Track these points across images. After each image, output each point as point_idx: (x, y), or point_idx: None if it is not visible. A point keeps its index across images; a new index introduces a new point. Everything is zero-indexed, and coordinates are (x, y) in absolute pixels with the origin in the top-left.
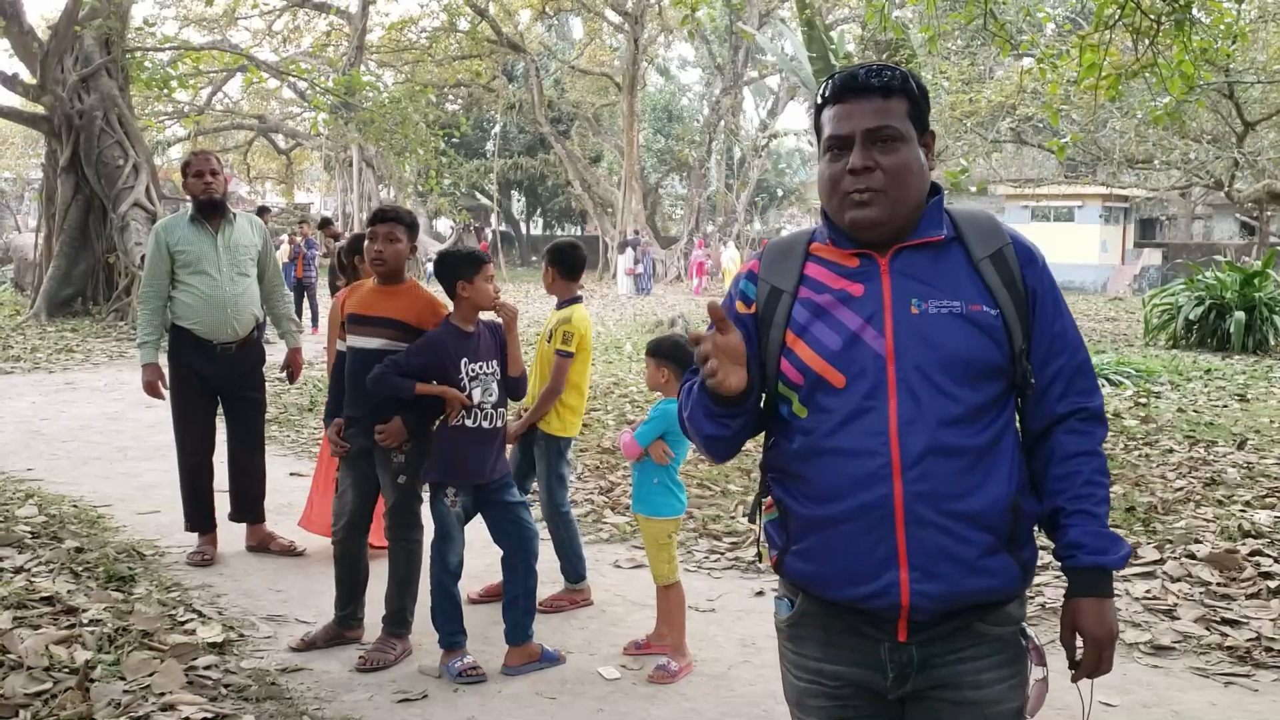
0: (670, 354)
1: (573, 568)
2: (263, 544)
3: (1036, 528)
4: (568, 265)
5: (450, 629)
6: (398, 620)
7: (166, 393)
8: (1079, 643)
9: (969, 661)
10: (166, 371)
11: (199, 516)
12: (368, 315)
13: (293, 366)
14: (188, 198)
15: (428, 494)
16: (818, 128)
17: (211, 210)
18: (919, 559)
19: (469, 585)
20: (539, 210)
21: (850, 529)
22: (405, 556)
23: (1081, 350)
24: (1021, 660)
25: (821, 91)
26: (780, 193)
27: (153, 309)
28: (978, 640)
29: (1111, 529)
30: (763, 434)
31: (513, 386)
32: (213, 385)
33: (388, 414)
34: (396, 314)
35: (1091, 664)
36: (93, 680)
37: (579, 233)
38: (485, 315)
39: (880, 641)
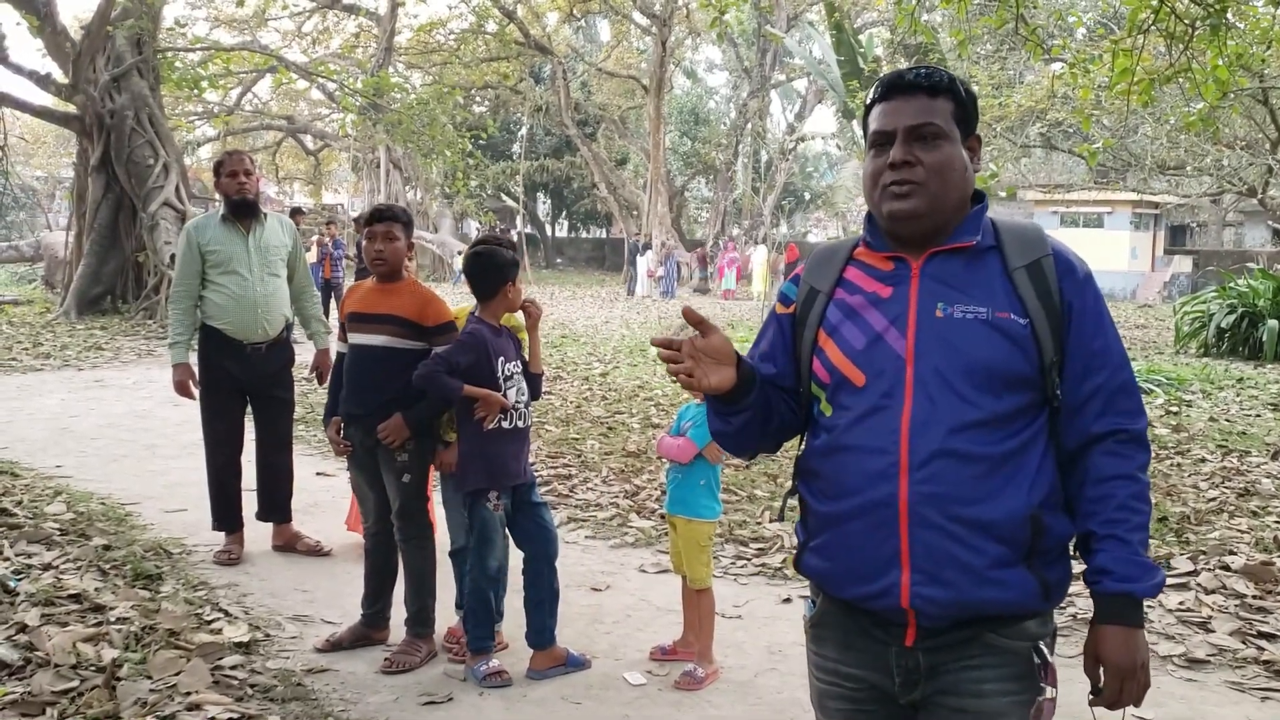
0: None
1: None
2: (289, 544)
3: (1073, 550)
4: None
5: (481, 633)
6: (420, 620)
7: (197, 391)
8: (1102, 672)
9: (974, 670)
10: (196, 371)
11: (226, 515)
12: (370, 313)
13: (321, 367)
14: (217, 197)
15: (467, 500)
16: (865, 128)
17: (244, 210)
18: (922, 562)
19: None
20: (564, 212)
21: (858, 526)
22: (418, 556)
23: (1124, 370)
24: (1031, 677)
25: (871, 93)
26: (807, 196)
27: (184, 309)
28: (986, 651)
29: (1147, 557)
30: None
31: (533, 385)
32: (242, 385)
33: (388, 414)
34: (399, 310)
35: (1113, 695)
36: (119, 679)
37: (604, 235)
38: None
39: (889, 645)
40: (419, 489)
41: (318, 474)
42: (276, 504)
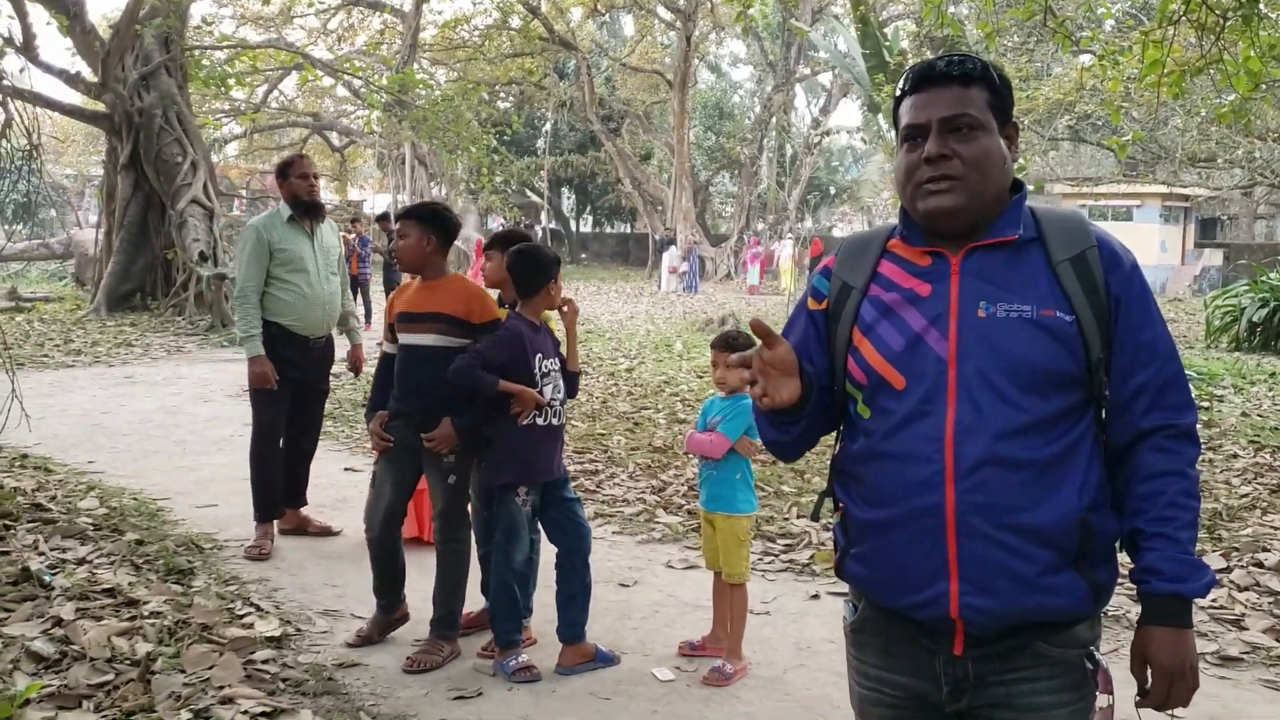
0: (735, 347)
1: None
2: (300, 527)
3: (1118, 546)
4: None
5: (508, 628)
6: (447, 623)
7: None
8: (1149, 673)
9: (1027, 682)
10: None
11: (272, 503)
12: (416, 312)
13: (356, 361)
14: (242, 193)
15: (495, 494)
16: (896, 121)
17: (313, 211)
18: (971, 572)
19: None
20: (589, 208)
21: (902, 535)
22: (455, 558)
23: (1173, 363)
24: (1086, 685)
25: (900, 84)
26: (832, 190)
27: (253, 304)
28: (1038, 661)
29: (1196, 556)
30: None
31: (570, 382)
32: (297, 377)
33: (436, 415)
34: (444, 308)
35: (1160, 696)
36: (154, 672)
37: (628, 230)
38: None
39: (935, 654)
40: (463, 490)
41: (345, 469)
42: (301, 489)
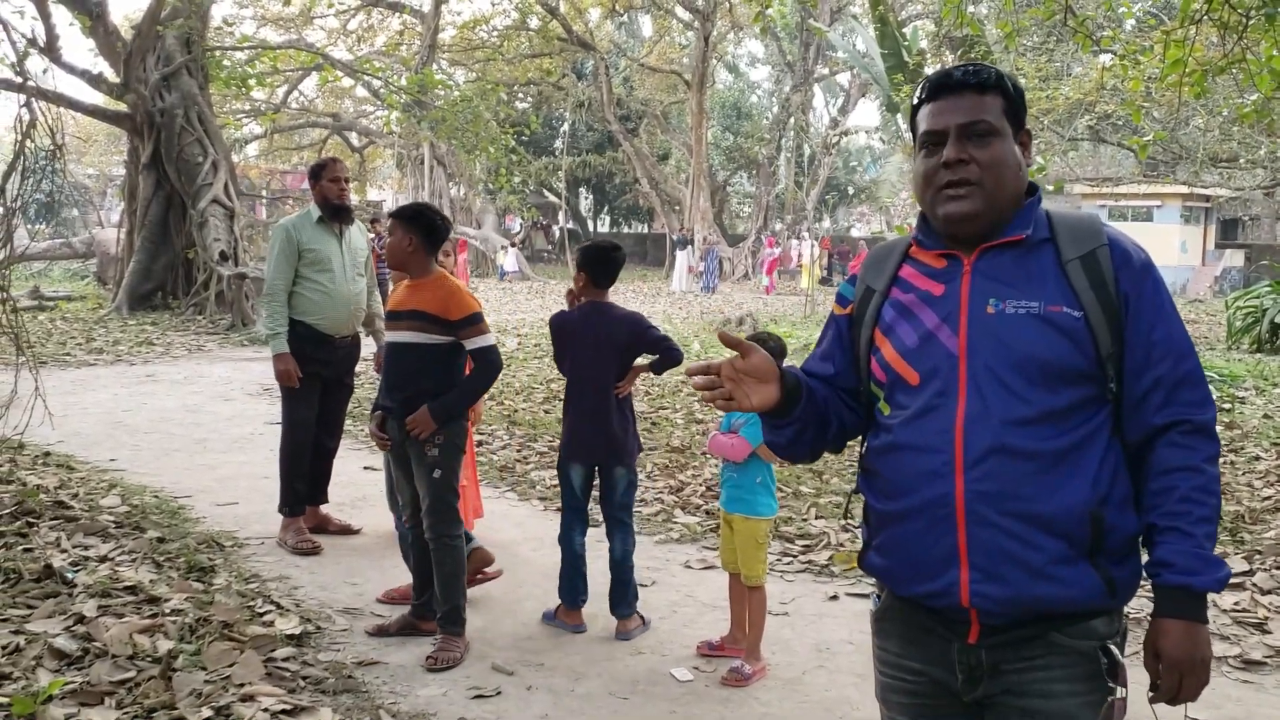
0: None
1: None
2: (320, 526)
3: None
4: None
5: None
6: (452, 619)
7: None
8: (1160, 667)
9: (1040, 670)
10: None
11: (300, 497)
12: (399, 310)
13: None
14: (263, 194)
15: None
16: (914, 128)
17: (342, 214)
18: (980, 559)
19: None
20: (606, 208)
21: (915, 525)
22: (448, 554)
23: (1188, 360)
24: (1099, 677)
25: (918, 92)
26: (850, 191)
27: (281, 302)
28: (1052, 650)
29: (1211, 551)
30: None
31: None
32: (322, 375)
33: (417, 407)
34: (422, 305)
35: (1170, 690)
36: (175, 670)
37: (646, 230)
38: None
39: (951, 641)
40: (449, 484)
41: (365, 468)
42: (323, 485)
